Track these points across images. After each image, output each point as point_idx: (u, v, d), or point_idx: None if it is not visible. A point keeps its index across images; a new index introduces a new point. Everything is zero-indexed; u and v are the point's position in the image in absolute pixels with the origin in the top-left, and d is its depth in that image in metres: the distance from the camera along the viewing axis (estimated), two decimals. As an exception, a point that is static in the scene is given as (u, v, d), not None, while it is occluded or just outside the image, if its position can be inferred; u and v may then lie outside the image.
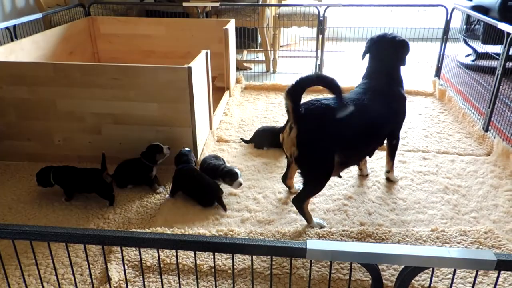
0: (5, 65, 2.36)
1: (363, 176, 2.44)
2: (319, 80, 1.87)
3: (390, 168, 2.37)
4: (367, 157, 2.43)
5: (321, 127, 1.82)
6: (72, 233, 1.03)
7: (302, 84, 1.77)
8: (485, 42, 3.87)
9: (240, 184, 2.20)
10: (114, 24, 3.80)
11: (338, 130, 1.85)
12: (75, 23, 3.59)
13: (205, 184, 2.19)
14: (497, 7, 3.75)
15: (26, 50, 2.86)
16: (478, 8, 3.92)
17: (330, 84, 1.80)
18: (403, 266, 1.09)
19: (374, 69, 2.17)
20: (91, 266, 1.75)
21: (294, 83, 1.78)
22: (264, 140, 2.76)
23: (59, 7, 4.06)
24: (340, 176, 2.18)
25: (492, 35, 3.15)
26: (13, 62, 2.40)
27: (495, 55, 3.08)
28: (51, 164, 2.24)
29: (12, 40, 2.94)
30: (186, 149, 2.31)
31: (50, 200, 2.19)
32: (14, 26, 3.01)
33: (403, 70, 2.22)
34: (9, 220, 2.06)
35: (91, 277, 1.23)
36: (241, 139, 2.85)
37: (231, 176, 2.20)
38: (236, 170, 2.22)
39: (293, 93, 1.79)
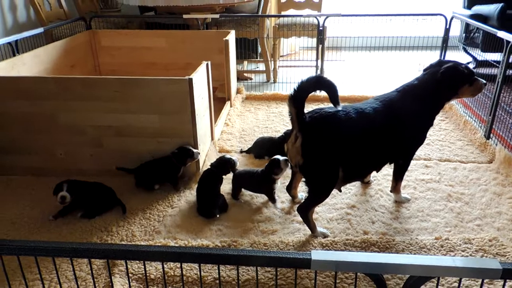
0: (7, 80, 2.38)
1: (365, 184, 2.44)
2: (319, 83, 1.80)
3: (392, 188, 2.28)
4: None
5: (326, 135, 1.82)
6: (77, 247, 1.03)
7: (304, 89, 1.76)
8: (484, 50, 3.89)
9: (286, 161, 2.16)
10: (115, 37, 3.83)
11: (342, 140, 1.84)
12: (76, 36, 3.62)
13: (206, 194, 2.20)
14: (496, 16, 3.78)
15: (28, 64, 2.88)
16: (477, 17, 3.95)
17: (329, 87, 1.77)
18: (408, 276, 1.08)
19: (412, 87, 2.05)
20: (94, 280, 1.73)
21: (295, 88, 1.77)
22: (263, 150, 2.77)
23: (60, 21, 4.10)
24: (340, 190, 2.15)
25: (492, 43, 3.16)
26: (15, 77, 2.42)
27: (495, 63, 3.09)
28: (53, 177, 2.24)
29: (14, 55, 2.96)
30: (227, 156, 2.32)
31: (54, 214, 2.19)
32: (16, 41, 3.03)
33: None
34: (12, 234, 2.05)
35: (95, 291, 1.23)
36: (240, 150, 2.86)
37: (276, 165, 2.19)
38: (277, 156, 2.21)
39: (296, 99, 1.77)
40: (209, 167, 2.30)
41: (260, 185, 2.27)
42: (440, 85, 2.00)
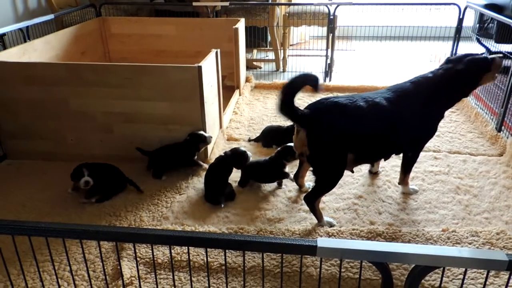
0: (19, 66, 2.40)
1: (373, 174, 2.43)
2: (302, 82, 1.76)
3: (401, 181, 2.26)
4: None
5: (331, 126, 1.81)
6: (87, 229, 1.05)
7: (289, 95, 1.73)
8: (498, 41, 3.82)
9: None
10: (125, 24, 3.83)
11: (349, 128, 1.83)
12: (86, 23, 3.63)
13: (215, 182, 2.22)
14: (511, 6, 3.70)
15: (39, 50, 2.90)
16: (491, 7, 3.87)
17: (312, 80, 1.76)
18: (413, 265, 1.09)
19: (426, 79, 2.01)
20: (103, 262, 1.77)
21: (281, 96, 1.73)
22: (270, 139, 2.76)
23: (71, 8, 4.11)
24: (352, 171, 2.16)
25: (506, 34, 3.11)
26: (26, 62, 2.44)
27: (508, 54, 3.04)
28: (63, 162, 2.27)
29: (25, 41, 2.99)
30: (242, 149, 2.33)
31: (63, 198, 2.23)
32: (27, 27, 3.06)
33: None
34: (23, 217, 2.09)
35: (104, 274, 1.25)
36: (249, 139, 2.87)
37: (291, 152, 2.21)
38: (291, 144, 2.20)
39: (285, 108, 1.75)
40: (223, 155, 2.31)
41: (270, 172, 2.28)
42: (462, 79, 1.98)
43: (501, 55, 2.03)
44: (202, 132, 2.40)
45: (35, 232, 1.07)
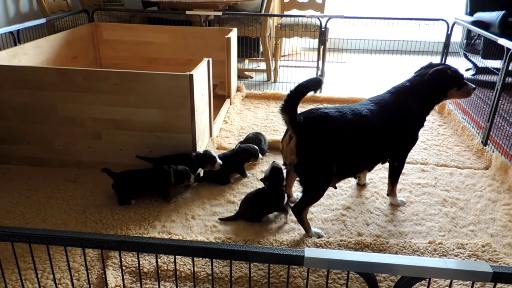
0: (8, 69, 2.38)
1: (361, 186, 2.45)
2: (309, 87, 1.81)
3: (389, 192, 2.28)
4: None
5: (320, 136, 1.83)
6: (71, 236, 1.03)
7: (295, 97, 1.77)
8: (485, 57, 3.91)
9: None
10: (117, 30, 3.83)
11: (337, 140, 1.85)
12: (78, 29, 3.62)
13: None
14: (497, 23, 3.79)
15: (29, 54, 2.88)
16: (478, 24, 3.96)
17: (316, 85, 1.81)
18: (399, 276, 1.09)
19: (404, 88, 2.10)
20: (88, 271, 1.74)
21: (286, 98, 1.77)
22: (255, 144, 2.70)
23: (63, 13, 4.10)
24: (335, 187, 2.16)
25: (492, 50, 3.18)
26: (15, 66, 2.42)
27: (494, 70, 3.10)
28: (50, 168, 2.23)
29: (15, 45, 2.96)
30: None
31: (49, 204, 2.19)
32: (18, 30, 3.03)
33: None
34: (7, 223, 2.05)
35: (89, 282, 1.23)
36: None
37: (280, 172, 2.10)
38: (276, 164, 2.10)
39: (288, 107, 1.78)
40: (243, 145, 2.54)
41: (272, 202, 2.13)
42: (428, 87, 2.06)
43: (474, 86, 2.12)
44: (215, 155, 2.38)
45: (19, 238, 1.05)
